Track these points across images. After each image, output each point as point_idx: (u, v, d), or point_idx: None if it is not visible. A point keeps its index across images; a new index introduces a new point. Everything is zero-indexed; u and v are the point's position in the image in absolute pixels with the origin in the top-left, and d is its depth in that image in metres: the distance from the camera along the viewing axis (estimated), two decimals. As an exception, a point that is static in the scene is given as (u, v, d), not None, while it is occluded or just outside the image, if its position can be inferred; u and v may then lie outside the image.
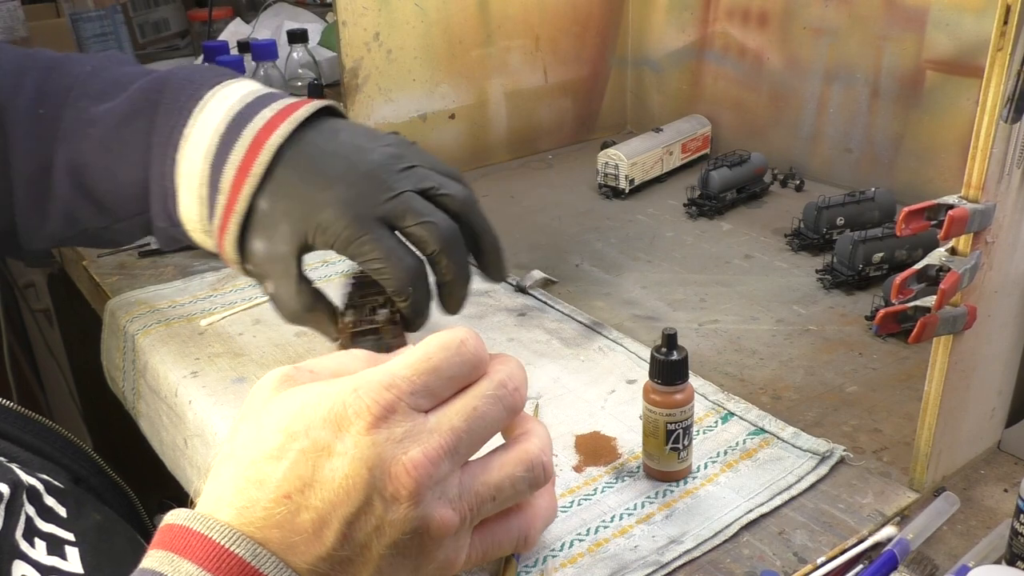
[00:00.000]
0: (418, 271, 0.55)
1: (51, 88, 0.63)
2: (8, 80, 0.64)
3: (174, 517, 0.38)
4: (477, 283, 0.79)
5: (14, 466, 0.48)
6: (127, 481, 0.60)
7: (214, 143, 0.58)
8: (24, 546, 0.44)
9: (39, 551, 0.45)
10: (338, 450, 0.38)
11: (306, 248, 0.56)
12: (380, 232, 0.55)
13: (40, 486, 0.48)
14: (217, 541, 0.36)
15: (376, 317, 0.57)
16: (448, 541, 0.40)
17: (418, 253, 0.56)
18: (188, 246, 0.64)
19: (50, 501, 0.48)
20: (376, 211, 0.55)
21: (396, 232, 0.56)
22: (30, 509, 0.46)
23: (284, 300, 0.58)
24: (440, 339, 0.40)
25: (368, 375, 0.39)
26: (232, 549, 0.36)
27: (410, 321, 0.57)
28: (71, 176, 0.63)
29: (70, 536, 0.47)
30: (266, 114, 0.58)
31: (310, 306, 0.58)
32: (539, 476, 0.42)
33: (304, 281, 0.58)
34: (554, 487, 0.46)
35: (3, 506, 0.44)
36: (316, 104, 0.59)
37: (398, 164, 0.57)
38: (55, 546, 0.46)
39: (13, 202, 0.64)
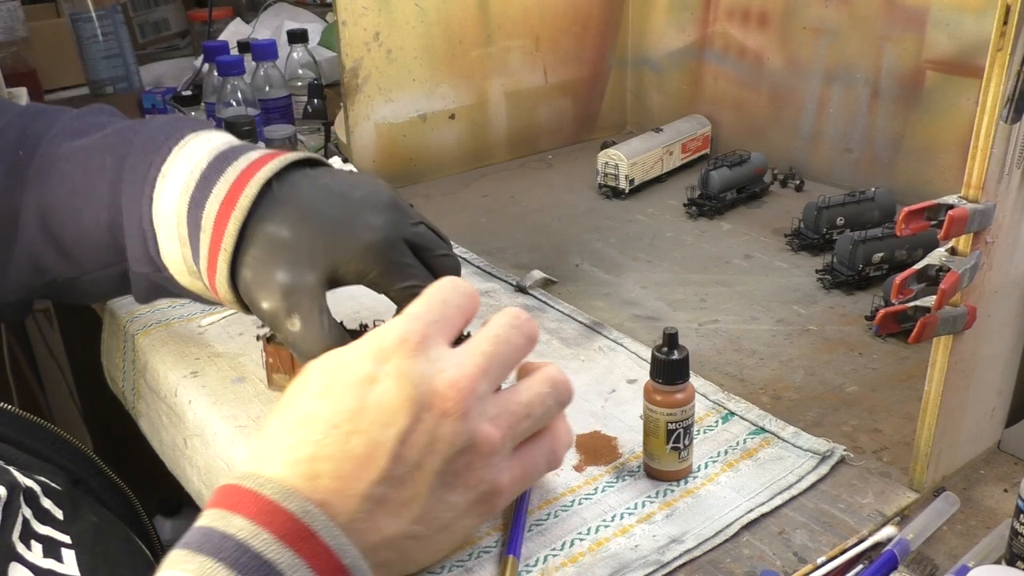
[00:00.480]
0: None
1: (33, 131, 0.60)
2: None
3: (227, 478, 0.40)
4: (477, 283, 0.79)
5: (12, 468, 0.48)
6: (127, 481, 0.60)
7: (194, 178, 0.54)
8: (20, 548, 0.44)
9: (35, 554, 0.45)
10: (382, 375, 0.41)
11: (333, 279, 0.52)
12: (413, 258, 0.53)
13: (37, 488, 0.48)
14: (268, 497, 0.38)
15: None
16: (494, 459, 0.43)
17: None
18: (173, 294, 0.59)
19: (47, 503, 0.48)
20: (405, 236, 0.53)
21: None
22: (27, 511, 0.46)
23: (313, 338, 0.51)
24: (438, 282, 0.46)
25: (390, 322, 0.43)
26: (283, 504, 0.38)
27: None
28: (38, 217, 0.59)
29: (66, 539, 0.47)
30: (251, 155, 0.54)
31: (341, 341, 0.51)
32: (563, 392, 0.47)
33: (330, 314, 0.52)
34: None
35: (0, 508, 0.44)
36: (305, 153, 0.57)
37: (403, 200, 0.56)
38: (51, 549, 0.46)
39: None
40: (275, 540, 0.37)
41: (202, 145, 0.55)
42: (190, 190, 0.54)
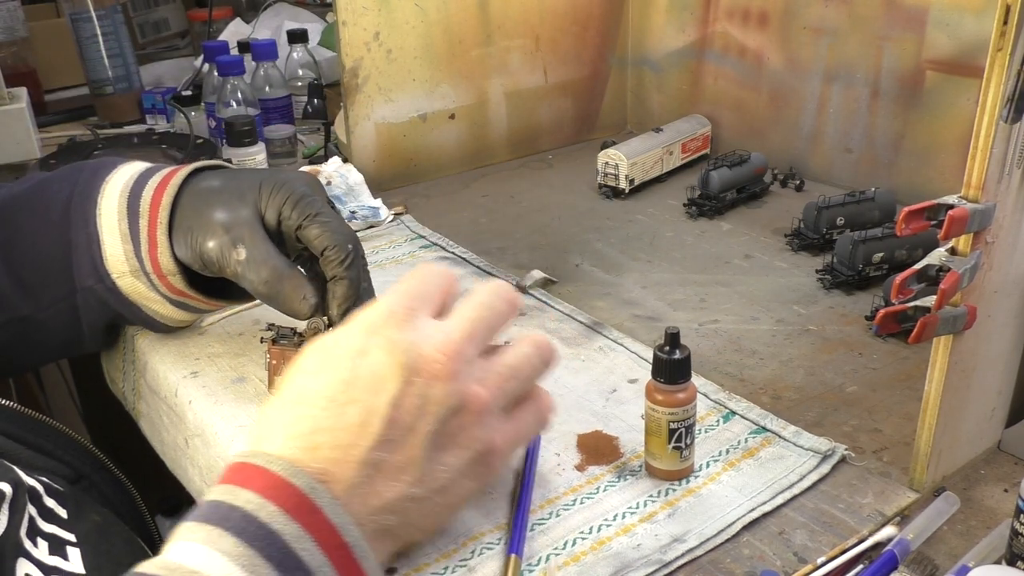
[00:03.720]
0: (356, 237, 0.59)
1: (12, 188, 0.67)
2: None
3: (233, 457, 0.41)
4: (477, 284, 0.79)
5: (15, 467, 0.48)
6: (128, 481, 0.60)
7: (133, 178, 0.62)
8: (28, 544, 0.44)
9: (41, 551, 0.45)
10: (372, 346, 0.43)
11: (262, 218, 0.59)
12: (325, 204, 0.60)
13: (40, 487, 0.48)
14: (276, 473, 0.39)
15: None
16: (486, 419, 0.45)
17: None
18: (116, 313, 0.65)
19: (50, 503, 0.48)
20: (318, 188, 0.62)
21: None
22: (32, 509, 0.46)
23: (260, 260, 0.57)
24: (417, 267, 0.48)
25: (378, 300, 0.45)
26: (290, 480, 0.39)
27: (352, 286, 0.58)
28: (2, 252, 0.63)
29: (71, 537, 0.47)
30: (177, 167, 0.64)
31: (290, 263, 0.58)
32: (547, 352, 0.49)
33: (272, 243, 0.59)
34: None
35: (7, 504, 0.44)
36: (222, 162, 0.66)
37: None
38: (57, 546, 0.46)
39: None
40: (282, 513, 0.38)
41: (138, 164, 0.65)
42: (129, 186, 0.62)
